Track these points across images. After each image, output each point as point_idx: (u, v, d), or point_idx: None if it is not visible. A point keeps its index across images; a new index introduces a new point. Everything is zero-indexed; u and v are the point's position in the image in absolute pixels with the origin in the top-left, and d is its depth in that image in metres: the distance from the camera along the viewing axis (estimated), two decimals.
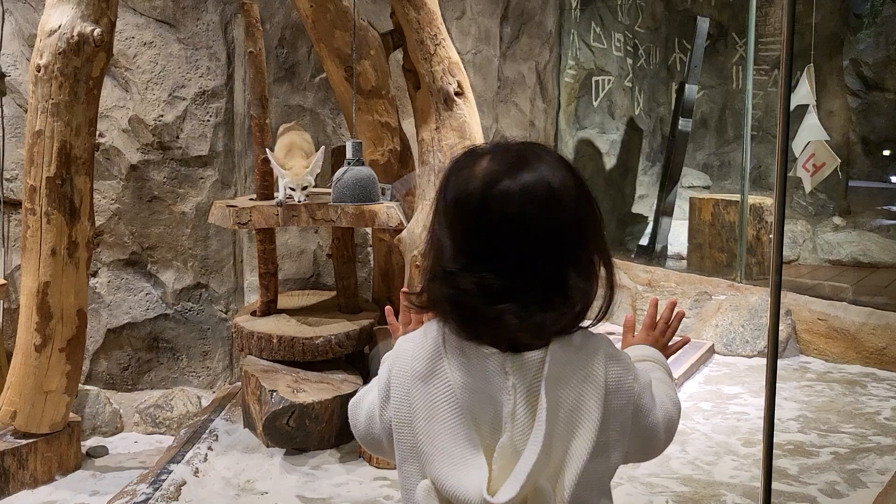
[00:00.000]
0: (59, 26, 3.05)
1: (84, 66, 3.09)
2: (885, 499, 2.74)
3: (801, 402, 4.05)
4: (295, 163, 3.47)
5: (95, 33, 3.07)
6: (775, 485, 3.11)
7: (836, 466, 3.28)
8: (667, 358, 1.36)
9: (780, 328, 4.82)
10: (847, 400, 4.09)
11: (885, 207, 7.61)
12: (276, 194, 3.68)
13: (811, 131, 5.02)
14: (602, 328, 4.20)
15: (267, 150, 3.57)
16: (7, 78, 3.88)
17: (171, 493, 2.93)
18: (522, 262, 1.02)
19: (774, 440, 3.55)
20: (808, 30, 5.96)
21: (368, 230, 4.39)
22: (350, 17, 3.59)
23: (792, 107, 5.13)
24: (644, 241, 6.80)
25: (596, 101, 6.84)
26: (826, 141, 5.08)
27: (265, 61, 3.84)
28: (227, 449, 3.39)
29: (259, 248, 3.88)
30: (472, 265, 1.03)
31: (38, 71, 3.07)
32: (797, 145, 5.11)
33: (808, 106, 5.11)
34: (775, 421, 3.79)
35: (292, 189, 3.44)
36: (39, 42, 3.09)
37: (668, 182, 6.56)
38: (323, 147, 3.52)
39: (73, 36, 3.04)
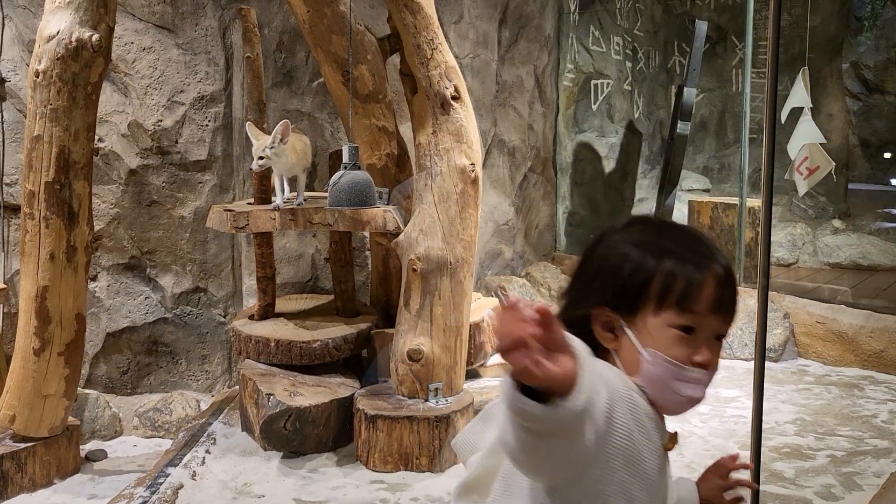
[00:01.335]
0: (58, 32, 3.07)
1: (82, 72, 3.11)
2: (880, 501, 2.74)
3: (799, 405, 4.06)
4: (264, 139, 3.56)
5: (93, 39, 3.09)
6: (771, 488, 3.11)
7: (833, 469, 3.28)
8: None
9: (778, 331, 4.83)
10: (844, 403, 4.10)
11: (884, 210, 7.62)
12: (273, 198, 3.70)
13: (807, 134, 5.03)
14: None
15: (247, 123, 3.61)
16: (7, 83, 3.90)
17: (168, 497, 2.94)
18: None
19: (771, 443, 3.57)
20: (806, 33, 5.97)
21: (366, 234, 4.40)
22: (347, 21, 3.61)
23: (787, 110, 5.14)
24: None
25: (595, 104, 6.85)
26: (822, 144, 5.09)
27: (263, 66, 3.86)
28: (225, 452, 3.40)
29: (257, 252, 3.90)
30: None
31: (37, 76, 3.09)
32: (792, 148, 5.12)
33: (803, 109, 5.11)
34: (773, 424, 3.81)
35: (253, 157, 3.55)
36: (38, 47, 3.11)
37: (667, 185, 6.57)
38: (285, 121, 3.54)
39: (71, 41, 3.06)
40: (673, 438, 1.20)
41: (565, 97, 6.59)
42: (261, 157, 3.49)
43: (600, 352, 1.17)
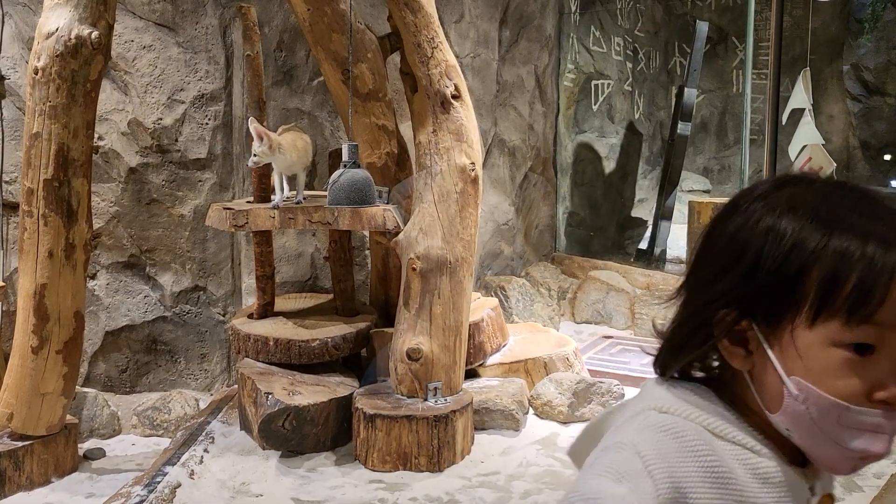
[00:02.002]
0: (57, 29, 3.06)
1: (81, 69, 3.10)
2: (880, 502, 2.74)
3: None
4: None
5: (93, 36, 3.08)
6: None
7: None
8: None
9: None
10: None
11: None
12: (272, 197, 3.69)
13: (807, 135, 5.03)
14: (599, 331, 4.23)
15: (249, 119, 3.62)
16: (6, 81, 3.88)
17: (165, 496, 2.93)
18: None
19: None
20: (807, 34, 5.97)
21: (366, 233, 4.40)
22: (347, 20, 3.61)
23: (788, 111, 5.14)
24: (643, 245, 6.81)
25: (595, 104, 6.85)
26: (822, 145, 5.09)
27: (263, 64, 3.85)
28: (223, 451, 3.39)
29: (256, 251, 3.89)
30: None
31: (36, 74, 3.08)
32: (793, 149, 5.12)
33: (804, 110, 5.11)
34: None
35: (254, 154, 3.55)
36: (37, 45, 3.10)
37: (668, 186, 6.57)
38: (282, 128, 3.58)
39: (70, 39, 3.05)
40: (826, 502, 0.84)
41: (566, 97, 6.58)
42: (255, 155, 3.50)
43: (729, 374, 0.83)
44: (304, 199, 3.71)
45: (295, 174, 3.74)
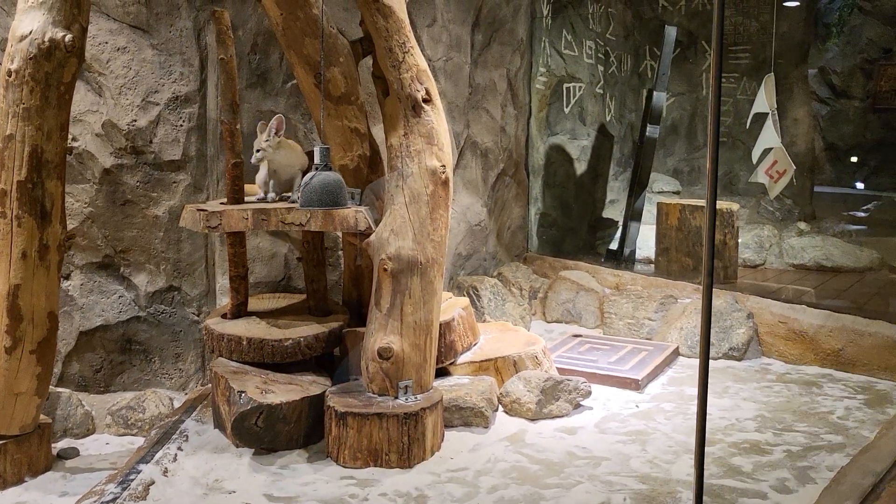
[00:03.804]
0: (31, 31, 3.10)
1: (55, 72, 3.14)
2: (831, 493, 2.86)
3: (760, 403, 4.18)
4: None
5: (66, 39, 3.12)
6: (729, 482, 3.22)
7: (788, 464, 3.40)
8: None
9: (742, 331, 4.96)
10: (803, 400, 4.22)
11: (848, 213, 7.81)
12: (253, 197, 3.78)
13: (768, 139, 5.17)
14: (569, 329, 4.36)
15: (259, 123, 3.78)
16: None
17: (139, 493, 2.98)
18: None
19: (731, 439, 3.69)
20: (771, 39, 6.11)
21: (339, 234, 4.46)
22: (319, 24, 3.67)
23: (751, 115, 5.27)
24: (613, 246, 6.93)
25: (567, 107, 6.95)
26: (783, 148, 5.24)
27: (237, 67, 3.90)
28: (197, 449, 3.44)
29: (229, 252, 3.94)
30: None
31: (9, 76, 3.12)
32: (756, 152, 5.26)
33: (766, 115, 5.25)
34: (734, 421, 3.93)
35: (256, 151, 3.74)
36: (10, 47, 3.14)
37: (637, 187, 6.69)
38: (279, 116, 3.76)
39: (44, 41, 3.09)
40: None
41: (538, 100, 6.68)
42: (258, 150, 3.66)
43: None
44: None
45: (292, 176, 3.85)
